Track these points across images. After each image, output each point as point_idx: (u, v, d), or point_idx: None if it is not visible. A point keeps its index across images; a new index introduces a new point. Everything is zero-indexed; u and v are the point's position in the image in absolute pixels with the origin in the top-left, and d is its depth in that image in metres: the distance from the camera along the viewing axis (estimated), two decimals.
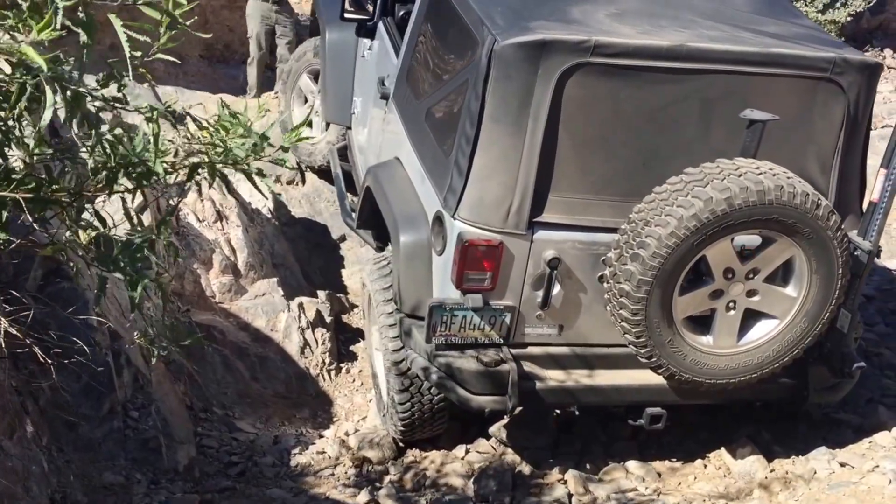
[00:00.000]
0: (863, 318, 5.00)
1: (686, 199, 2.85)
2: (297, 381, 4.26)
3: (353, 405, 4.27)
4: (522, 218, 3.05)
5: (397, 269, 3.39)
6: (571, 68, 2.93)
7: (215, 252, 4.56)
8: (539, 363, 3.28)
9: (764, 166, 2.91)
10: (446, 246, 3.16)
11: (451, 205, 3.11)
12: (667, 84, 3.03)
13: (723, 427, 4.01)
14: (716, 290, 3.09)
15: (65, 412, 3.09)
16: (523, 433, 3.88)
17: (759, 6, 3.54)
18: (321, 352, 4.41)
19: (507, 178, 3.02)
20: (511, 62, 2.95)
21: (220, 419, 3.80)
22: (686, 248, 2.89)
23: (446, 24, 3.56)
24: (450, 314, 3.13)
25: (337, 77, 5.05)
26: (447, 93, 3.37)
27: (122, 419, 3.26)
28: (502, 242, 3.06)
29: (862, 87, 3.14)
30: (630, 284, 2.94)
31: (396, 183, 3.60)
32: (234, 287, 4.55)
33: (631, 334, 3.06)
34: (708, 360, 3.17)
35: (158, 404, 3.41)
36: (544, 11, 3.16)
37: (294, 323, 4.41)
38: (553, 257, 3.08)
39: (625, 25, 3.09)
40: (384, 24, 4.51)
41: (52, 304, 3.16)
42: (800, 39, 3.20)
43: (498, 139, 3.02)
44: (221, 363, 4.04)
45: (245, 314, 4.42)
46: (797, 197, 2.87)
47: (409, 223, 3.37)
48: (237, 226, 4.79)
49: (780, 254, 3.04)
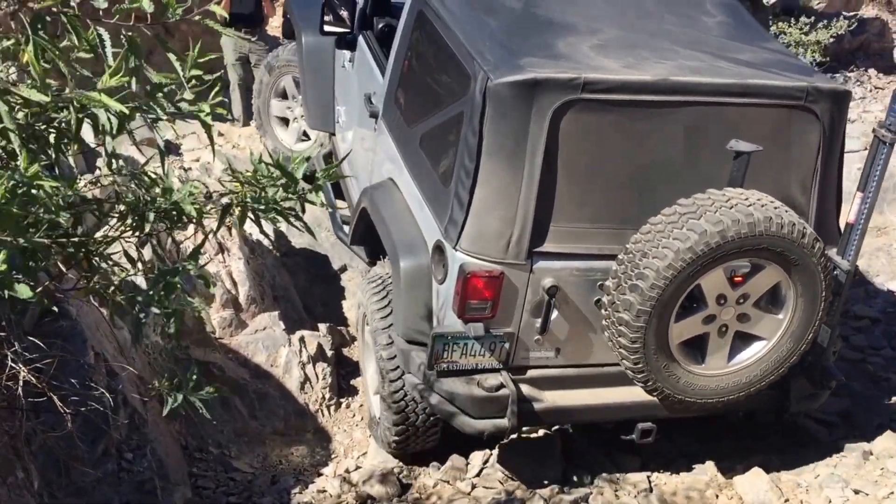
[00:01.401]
0: (868, 341, 4.96)
1: (682, 232, 2.97)
2: (296, 418, 4.20)
3: (353, 441, 4.20)
4: (522, 248, 3.14)
5: (398, 295, 3.46)
6: (564, 105, 3.06)
7: (216, 286, 4.53)
8: (537, 385, 3.41)
9: (752, 197, 3.05)
10: (447, 275, 3.24)
11: (453, 236, 3.19)
12: (653, 115, 3.17)
13: (729, 456, 3.94)
14: (709, 315, 3.22)
15: (58, 455, 3.04)
16: (531, 465, 3.82)
17: (730, 30, 3.67)
18: (321, 387, 4.36)
19: (507, 210, 3.12)
20: (505, 100, 3.07)
21: (216, 458, 3.74)
22: (682, 279, 3.02)
23: (433, 50, 3.64)
24: (452, 343, 3.22)
25: (317, 84, 5.10)
26: (442, 121, 3.45)
27: (116, 461, 3.21)
28: (503, 272, 3.15)
29: (834, 112, 3.32)
30: (629, 314, 3.05)
31: (393, 207, 3.68)
32: (234, 322, 4.51)
33: (629, 360, 3.18)
34: (700, 381, 3.32)
35: (154, 445, 3.36)
36: (531, 45, 3.27)
37: (294, 358, 4.37)
38: (552, 285, 3.19)
39: (609, 58, 3.21)
40: (364, 38, 4.57)
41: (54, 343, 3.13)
42: (774, 67, 3.36)
43: (497, 173, 3.12)
44: (219, 401, 3.98)
45: (245, 349, 4.38)
46: (785, 227, 3.02)
47: (408, 250, 3.44)
48: (238, 258, 4.76)
49: (769, 279, 3.19)
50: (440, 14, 3.55)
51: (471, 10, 3.50)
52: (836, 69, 9.35)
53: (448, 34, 3.45)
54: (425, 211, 3.44)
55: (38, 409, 2.85)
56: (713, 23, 3.69)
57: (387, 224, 3.62)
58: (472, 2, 3.56)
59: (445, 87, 3.52)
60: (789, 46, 8.82)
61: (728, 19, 3.75)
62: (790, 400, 3.61)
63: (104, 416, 3.24)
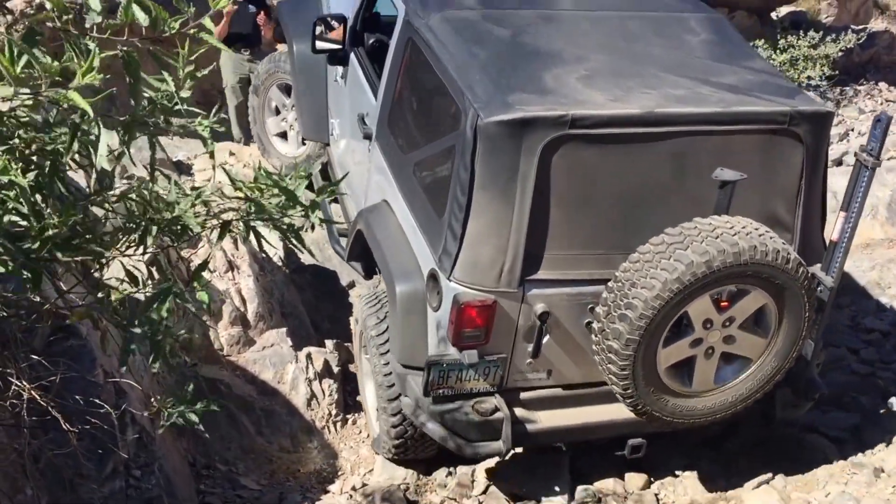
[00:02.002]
0: (879, 354, 4.92)
1: (669, 263, 3.04)
2: (302, 435, 4.21)
3: (360, 457, 4.21)
4: (514, 277, 3.24)
5: (394, 320, 3.55)
6: (552, 141, 3.14)
7: (225, 303, 4.56)
8: (530, 406, 3.51)
9: (738, 225, 3.12)
10: (442, 303, 3.34)
11: (447, 266, 3.29)
12: (640, 146, 3.25)
13: (738, 472, 3.92)
14: (696, 339, 3.28)
15: (66, 473, 3.06)
16: (538, 482, 3.80)
17: (715, 49, 3.74)
18: (328, 403, 4.37)
19: (500, 241, 3.22)
20: (496, 138, 3.16)
21: (223, 476, 3.75)
22: (670, 307, 3.09)
23: (424, 79, 3.72)
24: (447, 370, 3.32)
25: (310, 93, 5.14)
26: (434, 152, 3.55)
27: (124, 479, 3.22)
28: (496, 301, 3.25)
29: (816, 133, 3.40)
30: (619, 343, 3.13)
31: (388, 230, 3.77)
32: (242, 339, 4.54)
33: (618, 386, 3.25)
34: (687, 402, 3.40)
35: (161, 462, 3.37)
36: (519, 78, 3.34)
37: (301, 374, 4.38)
38: (543, 311, 3.28)
39: (596, 91, 3.30)
40: (356, 55, 4.62)
41: (60, 361, 3.16)
42: (757, 90, 3.44)
43: (489, 206, 3.22)
44: (226, 418, 4.01)
45: (253, 366, 4.40)
46: (769, 255, 3.09)
47: (404, 276, 3.53)
48: (248, 275, 4.79)
49: (754, 303, 3.27)
50: (429, 43, 3.60)
51: (459, 40, 3.55)
52: (845, 83, 9.35)
53: (438, 65, 3.51)
54: (419, 237, 3.53)
55: (47, 428, 2.87)
56: (697, 42, 3.75)
57: (382, 249, 3.69)
58: (460, 30, 3.61)
59: (437, 117, 3.61)
60: (798, 61, 8.83)
61: (712, 37, 3.80)
62: (776, 409, 3.73)
63: (112, 433, 3.26)
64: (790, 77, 8.86)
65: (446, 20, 3.65)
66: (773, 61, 8.90)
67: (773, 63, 8.87)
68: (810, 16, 10.53)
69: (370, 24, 4.78)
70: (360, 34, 4.71)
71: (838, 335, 5.22)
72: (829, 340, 5.23)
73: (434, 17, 3.68)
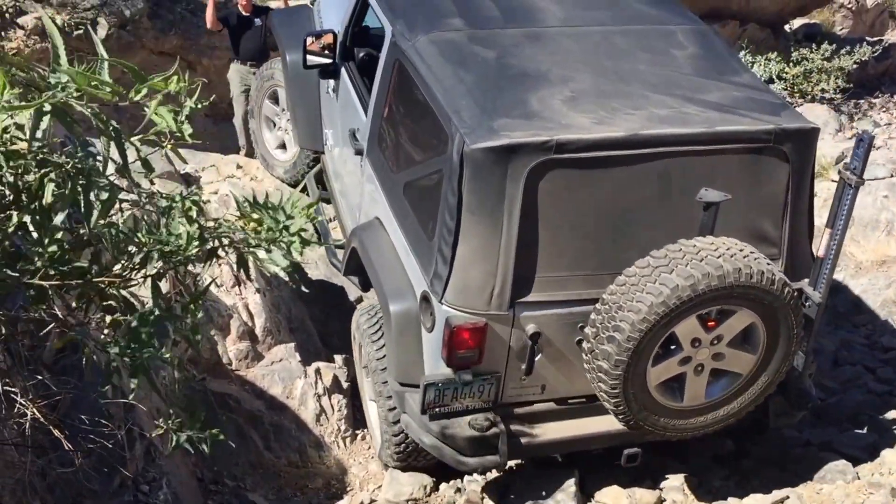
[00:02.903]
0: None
1: (654, 287, 3.10)
2: (311, 450, 4.19)
3: (369, 473, 4.18)
4: (504, 300, 3.30)
5: (389, 340, 3.64)
6: (538, 165, 3.20)
7: (233, 318, 4.56)
8: (525, 420, 3.59)
9: (722, 247, 3.15)
10: (435, 325, 3.42)
11: (438, 290, 3.36)
12: (625, 168, 3.29)
13: (751, 491, 3.85)
14: (684, 357, 3.32)
15: (74, 489, 3.05)
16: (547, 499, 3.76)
17: (701, 64, 3.74)
18: (337, 419, 4.35)
19: (489, 265, 3.28)
20: (482, 164, 3.21)
21: (231, 491, 3.74)
22: (657, 329, 3.14)
23: (412, 100, 3.75)
24: (442, 389, 3.40)
25: (303, 102, 5.22)
26: (423, 174, 3.63)
27: (132, 494, 3.21)
28: (487, 323, 3.32)
29: (802, 150, 3.44)
30: (608, 363, 3.19)
31: (381, 250, 3.86)
32: (250, 353, 4.53)
33: (610, 403, 3.32)
34: (679, 417, 3.45)
35: (169, 477, 3.36)
36: (504, 103, 3.38)
37: (310, 389, 4.37)
38: (534, 332, 3.34)
39: (581, 113, 3.34)
40: (346, 70, 4.69)
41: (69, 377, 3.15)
42: (742, 107, 3.47)
43: (477, 231, 3.28)
44: (235, 433, 3.99)
45: (261, 381, 4.39)
46: (754, 276, 3.12)
47: (398, 296, 3.60)
48: (255, 291, 4.79)
49: (741, 322, 3.30)
50: (416, 66, 3.64)
51: (445, 62, 3.59)
52: (860, 95, 9.29)
53: (425, 88, 3.56)
54: (411, 259, 3.60)
55: (55, 444, 2.87)
56: (683, 57, 3.76)
57: (376, 269, 3.78)
58: (446, 53, 3.64)
59: (425, 139, 3.65)
60: (811, 73, 8.79)
61: (698, 51, 3.81)
62: (769, 417, 3.80)
63: (120, 448, 3.25)
64: (803, 90, 8.82)
65: (432, 42, 3.69)
66: (786, 74, 8.86)
67: (787, 75, 8.83)
68: (825, 28, 10.47)
69: (359, 37, 4.85)
70: (350, 49, 4.78)
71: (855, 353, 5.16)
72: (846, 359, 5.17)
73: (421, 40, 3.72)
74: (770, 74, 8.81)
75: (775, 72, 8.85)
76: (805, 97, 8.84)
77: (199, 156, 6.33)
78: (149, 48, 7.67)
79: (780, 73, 8.87)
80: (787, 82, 8.87)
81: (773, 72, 8.83)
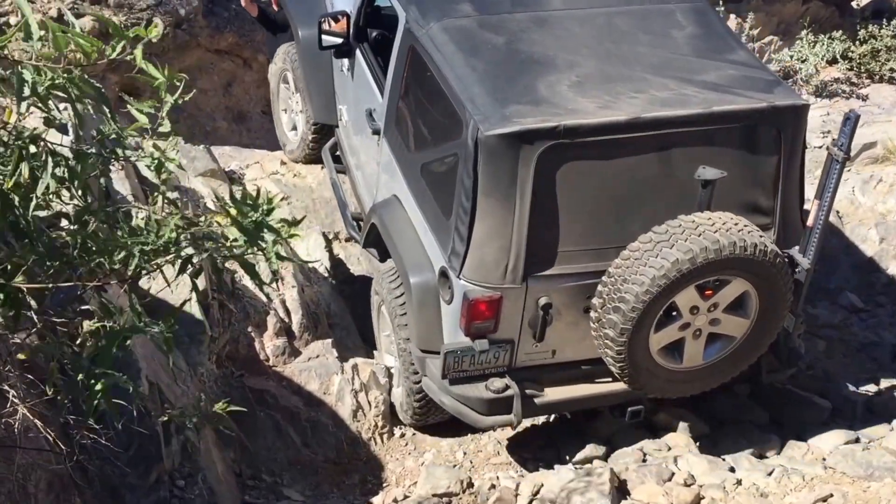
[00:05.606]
0: None
1: (656, 260, 3.40)
2: (348, 446, 4.20)
3: (405, 469, 4.17)
4: (518, 274, 3.60)
5: (410, 311, 3.95)
6: (547, 149, 3.47)
7: (270, 314, 4.59)
8: (537, 382, 3.91)
9: (719, 222, 3.45)
10: (453, 298, 3.72)
11: (456, 266, 3.66)
12: (629, 148, 3.57)
13: (796, 488, 3.73)
14: (684, 323, 3.66)
15: (112, 482, 3.11)
16: None
17: (699, 44, 3.98)
18: (374, 415, 4.35)
19: (503, 242, 3.57)
20: (495, 149, 3.49)
21: (268, 487, 3.77)
22: (658, 299, 3.45)
23: (427, 85, 3.97)
24: (461, 356, 3.71)
25: (317, 76, 5.34)
26: (439, 156, 3.88)
27: (168, 488, 3.26)
28: (502, 296, 3.62)
29: (794, 125, 3.72)
30: (613, 332, 3.53)
31: (400, 226, 4.13)
32: (287, 350, 4.56)
33: (615, 367, 3.67)
34: (678, 377, 3.80)
35: (205, 472, 3.40)
36: (515, 89, 3.64)
37: (347, 385, 4.38)
38: (546, 303, 3.64)
39: (586, 98, 3.60)
40: (361, 51, 4.83)
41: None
42: (739, 85, 3.73)
43: (492, 211, 3.56)
44: (273, 429, 4.03)
45: (298, 377, 4.41)
46: (748, 248, 3.43)
47: (418, 270, 3.91)
48: (292, 286, 4.81)
49: (736, 290, 3.63)
50: (430, 54, 3.86)
51: (457, 50, 3.80)
52: None
53: (439, 75, 3.78)
54: (429, 236, 3.89)
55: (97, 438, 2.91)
56: (682, 37, 3.99)
57: (396, 244, 4.06)
58: (458, 40, 3.85)
59: (440, 123, 3.89)
60: (879, 52, 8.36)
61: (697, 29, 4.03)
62: (762, 373, 4.11)
63: (157, 442, 3.31)
64: (870, 70, 8.41)
65: (445, 30, 3.89)
66: (852, 53, 8.46)
67: (852, 54, 8.43)
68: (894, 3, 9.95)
69: (372, 18, 4.95)
70: (363, 29, 4.89)
71: None
72: None
73: (434, 27, 3.92)
74: (834, 54, 8.35)
75: (839, 51, 8.38)
76: (872, 77, 8.42)
77: (245, 153, 6.42)
78: (204, 46, 7.71)
79: (844, 52, 8.42)
80: (854, 62, 8.41)
81: (836, 52, 8.36)
